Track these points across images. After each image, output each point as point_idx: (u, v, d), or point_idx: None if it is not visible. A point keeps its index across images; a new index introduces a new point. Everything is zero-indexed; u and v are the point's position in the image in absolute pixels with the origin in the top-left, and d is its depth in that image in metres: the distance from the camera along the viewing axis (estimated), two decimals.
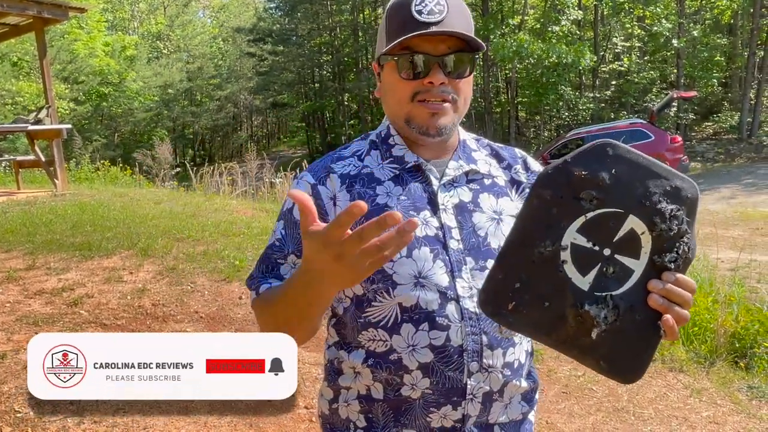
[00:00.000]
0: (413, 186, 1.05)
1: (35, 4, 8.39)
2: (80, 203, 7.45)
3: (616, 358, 0.83)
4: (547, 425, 2.96)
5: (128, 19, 37.46)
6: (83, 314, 4.00)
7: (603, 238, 0.81)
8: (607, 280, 0.81)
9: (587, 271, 0.81)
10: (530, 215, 0.83)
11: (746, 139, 19.21)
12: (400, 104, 1.04)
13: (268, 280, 1.04)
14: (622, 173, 0.81)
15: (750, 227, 8.76)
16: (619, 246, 0.81)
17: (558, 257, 0.82)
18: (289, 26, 31.54)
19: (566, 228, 0.81)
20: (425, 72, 1.00)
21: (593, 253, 0.81)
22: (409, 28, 0.98)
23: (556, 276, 0.82)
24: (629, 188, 0.81)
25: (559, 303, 0.82)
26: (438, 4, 0.99)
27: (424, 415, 1.02)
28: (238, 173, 11.39)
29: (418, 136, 1.05)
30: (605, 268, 0.81)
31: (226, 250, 5.44)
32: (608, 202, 0.81)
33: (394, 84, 1.03)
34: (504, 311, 0.83)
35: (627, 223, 0.81)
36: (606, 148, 0.82)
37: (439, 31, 0.98)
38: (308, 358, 3.51)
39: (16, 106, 21.78)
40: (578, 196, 0.81)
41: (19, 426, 2.65)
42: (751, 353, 3.57)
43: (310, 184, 1.06)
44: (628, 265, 0.81)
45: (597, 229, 0.81)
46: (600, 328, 0.81)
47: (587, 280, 0.81)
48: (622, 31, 23.43)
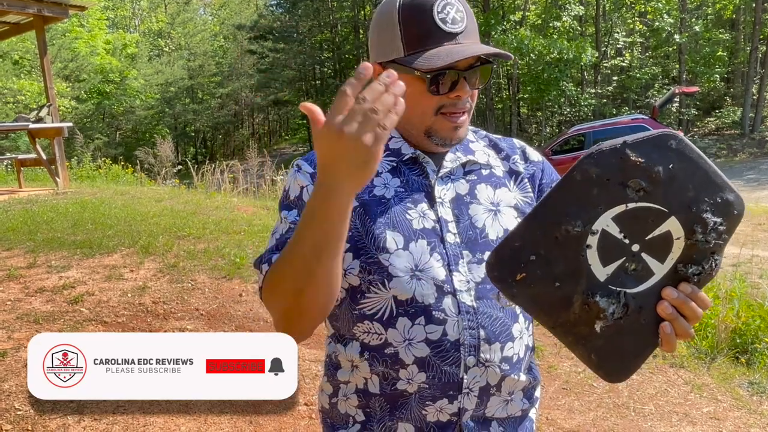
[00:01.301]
0: (410, 178, 1.05)
1: (36, 2, 8.39)
2: (81, 201, 7.46)
3: (609, 355, 0.81)
4: (547, 421, 2.96)
5: (129, 16, 37.49)
6: (84, 312, 4.01)
7: (636, 233, 0.77)
8: (626, 277, 0.78)
9: (609, 262, 0.78)
10: (569, 189, 0.78)
11: (748, 135, 19.15)
12: (423, 117, 1.02)
13: (273, 255, 0.98)
14: (678, 171, 0.77)
15: (752, 223, 8.74)
16: (650, 245, 0.78)
17: (584, 240, 0.77)
18: (289, 23, 31.51)
19: (603, 212, 0.77)
20: (452, 86, 0.98)
21: (622, 245, 0.78)
22: (435, 39, 0.96)
23: (576, 259, 0.78)
24: (681, 188, 0.77)
25: (570, 286, 0.79)
26: (458, 11, 0.98)
27: (419, 409, 1.02)
28: (239, 171, 11.39)
29: (434, 146, 1.05)
30: (628, 264, 0.78)
31: (227, 248, 5.44)
32: (655, 197, 0.76)
33: (418, 97, 1.00)
34: (510, 280, 0.80)
35: (666, 224, 0.77)
36: (669, 140, 0.77)
37: (482, 54, 0.96)
38: (308, 355, 3.51)
39: (17, 104, 21.82)
40: (626, 182, 0.76)
41: (20, 424, 2.66)
42: (752, 349, 3.56)
43: (309, 174, 1.05)
44: (651, 266, 0.78)
45: (634, 222, 0.77)
46: (604, 322, 0.79)
47: (606, 271, 0.78)
48: (624, 26, 23.35)
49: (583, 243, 0.78)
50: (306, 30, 30.68)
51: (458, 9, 0.98)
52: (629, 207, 0.77)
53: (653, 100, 18.51)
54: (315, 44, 30.89)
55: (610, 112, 21.51)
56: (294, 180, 1.07)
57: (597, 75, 23.07)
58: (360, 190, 0.82)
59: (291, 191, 1.07)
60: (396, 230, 1.00)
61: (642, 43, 24.34)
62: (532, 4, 24.99)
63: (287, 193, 1.07)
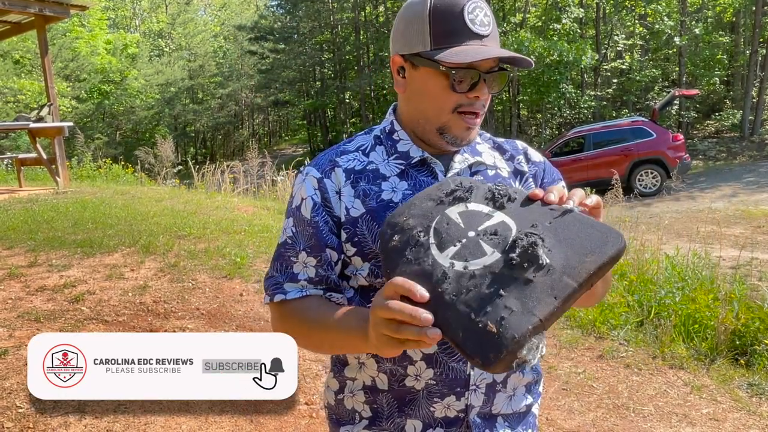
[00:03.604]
0: (419, 180, 1.06)
1: (37, 1, 8.40)
2: (82, 201, 7.46)
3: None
4: (547, 422, 2.96)
5: (130, 17, 37.50)
6: (84, 311, 4.01)
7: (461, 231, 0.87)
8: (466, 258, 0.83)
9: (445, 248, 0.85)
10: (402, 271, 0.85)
11: (748, 137, 19.16)
12: (440, 113, 1.03)
13: (286, 287, 1.06)
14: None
15: (751, 225, 8.75)
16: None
17: (438, 264, 0.83)
18: (290, 24, 31.49)
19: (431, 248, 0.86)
20: (472, 86, 1.00)
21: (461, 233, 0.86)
22: (463, 38, 0.98)
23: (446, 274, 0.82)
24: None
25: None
26: (486, 15, 1.01)
27: (427, 405, 1.04)
28: (240, 171, 11.39)
29: (444, 144, 1.06)
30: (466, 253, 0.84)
31: (228, 248, 5.45)
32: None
33: (438, 92, 1.02)
34: (492, 339, 0.74)
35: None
36: None
37: (506, 57, 0.99)
38: (308, 355, 3.51)
39: (18, 103, 21.82)
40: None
41: (21, 422, 2.66)
42: (752, 350, 3.56)
43: (316, 179, 1.06)
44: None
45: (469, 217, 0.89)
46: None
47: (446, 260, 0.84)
48: (624, 29, 23.37)
49: (440, 269, 0.83)
50: (306, 31, 30.67)
51: (486, 13, 1.00)
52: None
53: (653, 103, 18.51)
54: (315, 45, 30.88)
55: (609, 114, 21.51)
56: (299, 189, 1.09)
57: (597, 77, 23.08)
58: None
59: (294, 199, 1.09)
60: None
61: (642, 45, 24.35)
62: (532, 6, 25.02)
63: (291, 199, 1.10)
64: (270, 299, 1.07)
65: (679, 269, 4.57)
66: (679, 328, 3.86)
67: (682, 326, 3.87)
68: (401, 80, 1.07)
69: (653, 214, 9.92)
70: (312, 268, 1.05)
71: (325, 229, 1.04)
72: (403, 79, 1.06)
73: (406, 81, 1.06)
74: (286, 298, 1.05)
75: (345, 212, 1.04)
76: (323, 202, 1.05)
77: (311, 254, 1.04)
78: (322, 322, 0.98)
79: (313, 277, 1.05)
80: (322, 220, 1.04)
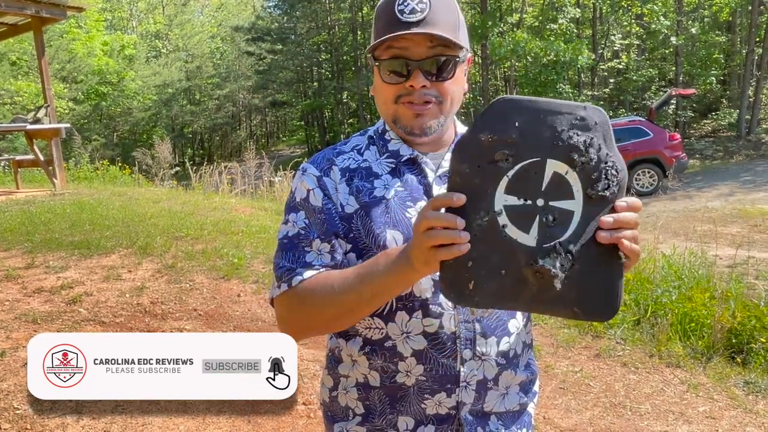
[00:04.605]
0: (410, 177, 1.08)
1: (33, 3, 8.38)
2: (79, 202, 7.45)
3: (587, 299, 0.83)
4: (544, 420, 2.97)
5: (127, 18, 37.43)
6: (82, 312, 4.01)
7: (531, 191, 0.82)
8: (551, 229, 0.82)
9: (528, 227, 0.82)
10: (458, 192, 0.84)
11: (745, 137, 19.21)
12: (386, 105, 1.06)
13: (301, 270, 1.03)
14: (525, 123, 0.82)
15: (748, 224, 8.77)
16: (549, 193, 0.81)
17: (497, 224, 0.82)
18: (287, 25, 31.48)
19: (493, 193, 0.82)
20: (407, 75, 1.01)
21: (528, 207, 0.82)
22: (391, 29, 0.99)
23: (502, 242, 0.82)
24: (537, 135, 0.82)
25: (514, 267, 0.82)
26: (420, 2, 0.99)
27: (418, 402, 1.04)
28: (237, 172, 11.38)
29: (405, 135, 1.08)
30: (544, 218, 0.81)
31: (225, 249, 5.45)
32: (522, 155, 0.82)
33: (380, 86, 1.06)
34: (466, 292, 0.83)
35: (548, 169, 0.81)
36: (503, 104, 0.84)
37: (411, 33, 0.98)
38: (307, 355, 3.52)
39: (14, 105, 21.75)
40: (493, 159, 0.82)
41: (19, 423, 2.66)
42: (748, 348, 3.58)
43: (316, 177, 1.08)
44: (566, 207, 0.81)
45: (522, 184, 0.82)
46: (560, 277, 0.81)
47: (532, 236, 0.82)
48: (621, 28, 23.41)
49: (497, 226, 0.82)
50: (304, 31, 30.65)
51: (421, 1, 0.99)
52: (509, 175, 0.82)
53: (650, 102, 18.54)
54: (313, 46, 30.87)
55: (606, 114, 21.53)
56: (300, 182, 1.09)
57: (594, 77, 23.11)
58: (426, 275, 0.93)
59: (297, 193, 1.09)
60: (396, 228, 1.03)
61: (639, 45, 24.40)
62: (529, 6, 25.04)
63: (294, 195, 1.10)
64: (287, 285, 1.02)
65: (675, 268, 4.59)
66: (675, 326, 3.87)
67: (678, 325, 3.88)
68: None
69: (650, 213, 9.93)
70: (327, 255, 1.04)
71: (336, 217, 1.05)
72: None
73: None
74: (304, 278, 1.02)
75: (341, 209, 1.06)
76: (324, 196, 1.07)
77: (325, 240, 1.04)
78: (354, 276, 0.97)
79: (328, 263, 1.03)
80: (333, 209, 1.05)
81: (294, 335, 1.07)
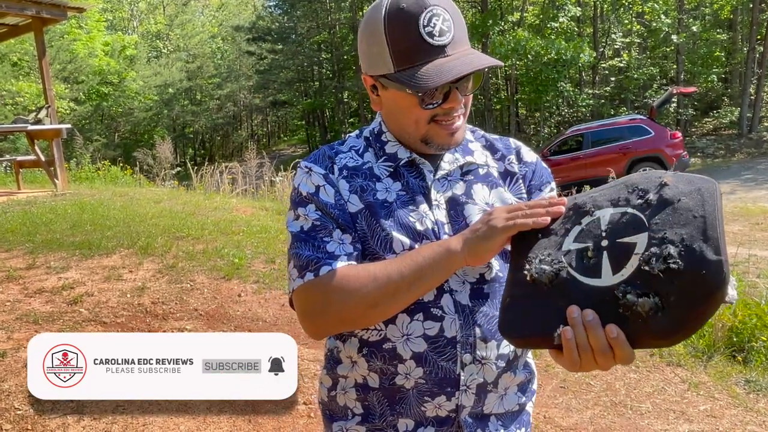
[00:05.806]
0: (410, 181, 1.06)
1: (34, 4, 8.39)
2: (80, 203, 7.46)
3: (513, 307, 0.87)
4: (544, 419, 2.97)
5: (127, 18, 37.44)
6: (83, 312, 4.02)
7: (615, 233, 0.82)
8: (579, 259, 0.83)
9: (580, 240, 0.84)
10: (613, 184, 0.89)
11: (746, 135, 19.18)
12: (417, 126, 1.02)
13: (329, 261, 0.98)
14: (684, 205, 0.80)
15: (750, 222, 8.76)
16: (615, 248, 0.81)
17: (582, 215, 0.87)
18: (288, 24, 31.47)
19: (608, 206, 0.86)
20: (444, 98, 0.98)
21: (598, 233, 0.83)
22: (423, 54, 0.95)
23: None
24: (674, 219, 0.79)
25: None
26: (445, 20, 0.95)
27: (418, 405, 1.04)
28: (238, 172, 11.38)
29: (432, 151, 1.06)
30: (588, 251, 0.83)
31: (226, 249, 5.45)
32: (650, 213, 0.81)
33: (411, 109, 1.00)
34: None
35: (637, 237, 0.80)
36: (703, 184, 0.84)
37: (473, 72, 0.95)
38: (307, 355, 3.52)
39: (16, 106, 21.78)
40: (644, 195, 0.84)
41: (19, 423, 2.67)
42: (749, 347, 3.58)
43: (322, 174, 1.06)
44: (603, 269, 0.80)
45: (622, 224, 0.82)
46: (531, 276, 0.84)
47: (569, 245, 0.85)
48: (622, 26, 23.38)
49: (580, 218, 0.87)
50: (304, 31, 30.65)
51: (444, 18, 0.96)
52: (628, 211, 0.83)
53: (651, 101, 18.53)
54: (313, 45, 30.87)
55: (608, 112, 21.52)
56: (308, 179, 1.06)
57: (595, 75, 23.09)
58: (476, 264, 0.95)
59: (303, 188, 1.06)
60: (402, 232, 1.01)
61: (640, 43, 24.37)
62: (530, 5, 25.02)
63: (298, 190, 1.07)
64: (314, 274, 0.97)
65: None
66: None
67: None
68: (376, 98, 1.07)
69: None
70: (349, 245, 1.00)
71: (347, 213, 1.02)
72: (377, 97, 1.06)
73: (380, 99, 1.06)
74: (333, 268, 0.96)
75: (346, 207, 1.04)
76: (334, 191, 1.05)
77: (346, 231, 1.01)
78: (394, 263, 0.95)
79: (352, 252, 0.99)
80: (344, 205, 1.03)
81: (318, 330, 1.01)
